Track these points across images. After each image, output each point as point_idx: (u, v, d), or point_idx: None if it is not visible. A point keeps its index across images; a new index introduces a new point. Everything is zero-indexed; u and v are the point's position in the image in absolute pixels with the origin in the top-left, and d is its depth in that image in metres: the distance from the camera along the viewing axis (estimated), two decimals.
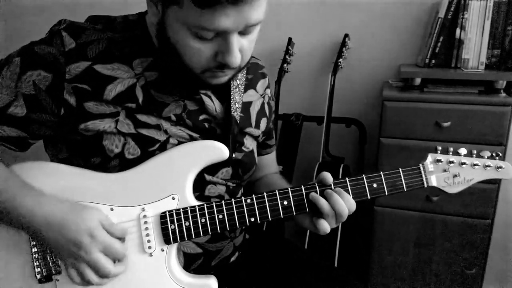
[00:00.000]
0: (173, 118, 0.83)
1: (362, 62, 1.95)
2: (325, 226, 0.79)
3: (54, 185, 0.78)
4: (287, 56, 1.91)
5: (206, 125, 0.87)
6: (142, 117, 0.81)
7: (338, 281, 0.94)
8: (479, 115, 1.49)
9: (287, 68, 1.93)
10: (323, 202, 0.79)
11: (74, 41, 0.78)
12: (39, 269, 0.79)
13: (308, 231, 1.72)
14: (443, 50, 1.67)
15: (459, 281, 1.66)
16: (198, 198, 0.83)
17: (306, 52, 1.99)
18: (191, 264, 0.89)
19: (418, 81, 1.64)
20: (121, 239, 0.78)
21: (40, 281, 0.79)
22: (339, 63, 1.86)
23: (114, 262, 0.76)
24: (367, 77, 1.96)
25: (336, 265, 1.75)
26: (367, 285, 1.76)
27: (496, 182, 1.53)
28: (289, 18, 1.99)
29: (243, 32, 0.72)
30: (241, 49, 0.74)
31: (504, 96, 1.52)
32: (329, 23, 1.96)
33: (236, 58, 0.72)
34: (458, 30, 1.63)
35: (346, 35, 1.87)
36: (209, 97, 0.88)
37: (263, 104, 1.00)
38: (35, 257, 0.79)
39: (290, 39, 1.92)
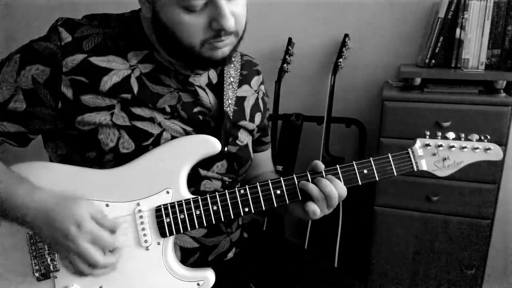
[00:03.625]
0: (168, 109, 0.84)
1: (362, 62, 1.95)
2: (314, 207, 0.81)
3: (50, 184, 0.79)
4: (287, 56, 1.91)
5: (200, 117, 0.88)
6: (137, 110, 0.82)
7: (338, 281, 0.94)
8: (479, 115, 1.49)
9: (287, 68, 1.93)
10: (312, 187, 0.81)
11: (71, 36, 0.80)
12: (37, 267, 0.79)
13: (308, 231, 1.73)
14: (443, 50, 1.67)
15: (459, 281, 1.66)
16: (193, 194, 0.84)
17: (306, 52, 1.99)
18: (188, 259, 0.90)
19: (418, 81, 1.64)
20: (113, 232, 0.78)
21: (38, 279, 0.80)
22: (339, 63, 1.86)
23: (105, 253, 0.76)
24: (367, 77, 1.96)
25: (336, 265, 1.75)
26: (367, 285, 1.76)
27: (496, 182, 1.53)
28: (289, 18, 1.99)
29: None
30: (233, 13, 0.76)
31: (504, 96, 1.52)
32: (329, 23, 1.96)
33: (230, 20, 0.74)
34: (458, 30, 1.63)
35: (346, 35, 1.87)
36: (203, 89, 0.90)
37: (257, 99, 1.02)
38: (32, 255, 0.80)
39: (290, 39, 1.92)
